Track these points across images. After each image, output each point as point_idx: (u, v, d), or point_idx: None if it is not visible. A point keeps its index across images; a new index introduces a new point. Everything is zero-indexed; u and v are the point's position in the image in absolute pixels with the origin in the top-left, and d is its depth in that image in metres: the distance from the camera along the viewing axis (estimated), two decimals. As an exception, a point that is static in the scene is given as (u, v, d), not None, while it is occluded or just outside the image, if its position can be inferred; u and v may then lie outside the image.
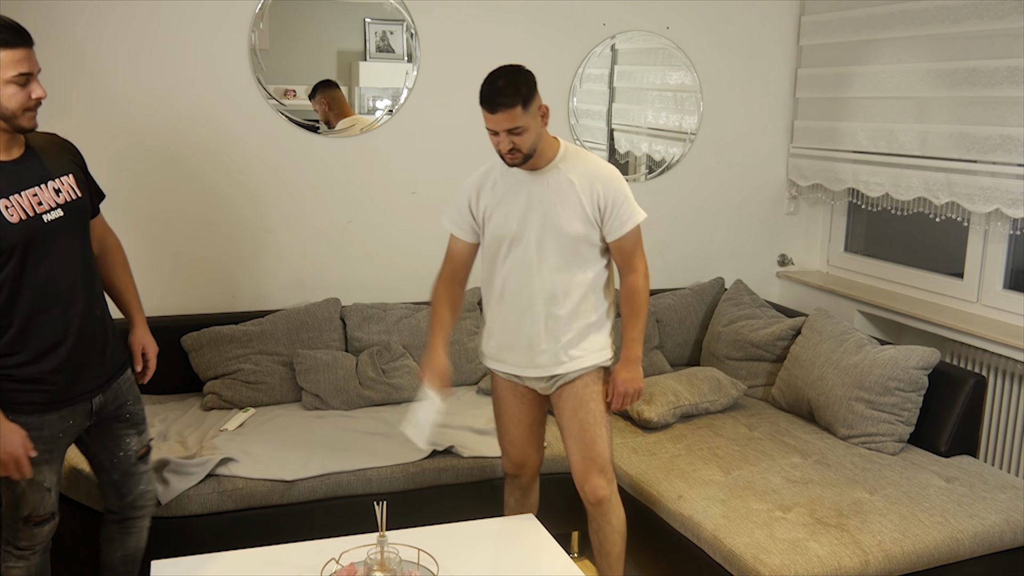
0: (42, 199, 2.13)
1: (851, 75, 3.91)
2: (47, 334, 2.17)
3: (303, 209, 3.66)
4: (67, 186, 2.20)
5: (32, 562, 2.35)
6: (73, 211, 2.20)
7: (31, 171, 2.14)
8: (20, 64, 2.01)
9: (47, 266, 2.14)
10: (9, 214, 2.07)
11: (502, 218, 2.56)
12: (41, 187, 2.14)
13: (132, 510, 2.48)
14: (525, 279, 2.56)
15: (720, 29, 4.11)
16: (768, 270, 4.43)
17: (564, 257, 2.53)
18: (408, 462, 3.00)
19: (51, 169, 2.18)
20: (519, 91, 2.37)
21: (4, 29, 2.01)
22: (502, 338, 2.65)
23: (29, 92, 2.04)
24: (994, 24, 3.23)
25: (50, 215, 2.14)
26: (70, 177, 2.22)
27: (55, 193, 2.17)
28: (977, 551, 2.66)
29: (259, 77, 3.50)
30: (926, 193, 3.56)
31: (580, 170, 2.52)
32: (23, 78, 2.02)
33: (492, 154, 2.53)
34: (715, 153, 4.22)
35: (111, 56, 3.29)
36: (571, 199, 2.50)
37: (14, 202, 2.08)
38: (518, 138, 2.40)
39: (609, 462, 2.64)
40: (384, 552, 2.10)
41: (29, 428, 2.17)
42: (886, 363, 3.16)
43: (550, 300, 2.54)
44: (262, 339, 3.44)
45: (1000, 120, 3.25)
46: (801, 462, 3.06)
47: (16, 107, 2.04)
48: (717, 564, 2.60)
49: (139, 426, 2.44)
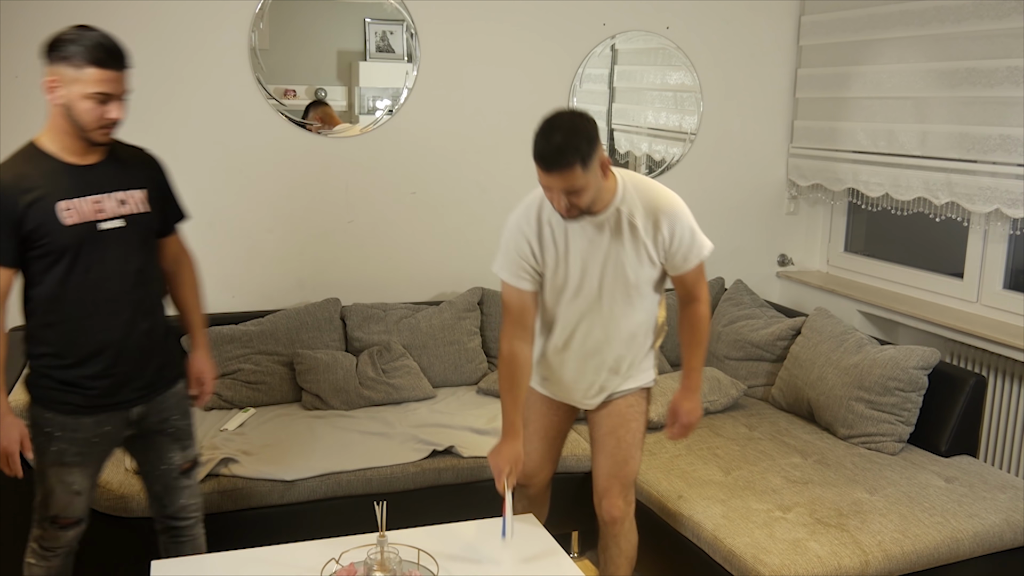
0: (104, 207, 2.17)
1: (851, 75, 3.91)
2: (89, 340, 2.19)
3: (303, 209, 3.66)
4: (135, 199, 2.23)
5: (53, 564, 2.35)
6: (135, 224, 2.22)
7: (100, 179, 2.18)
8: (102, 84, 2.05)
9: (97, 272, 2.16)
10: (66, 216, 2.11)
11: (564, 266, 2.38)
12: (106, 195, 2.17)
13: (175, 520, 2.48)
14: (590, 329, 2.44)
15: (720, 29, 4.11)
16: (768, 270, 4.43)
17: (629, 302, 2.42)
18: (408, 462, 3.00)
19: (122, 180, 2.21)
20: (578, 149, 2.12)
21: (100, 49, 2.05)
22: (560, 380, 2.55)
23: (105, 111, 2.08)
24: (994, 24, 3.23)
25: (108, 224, 2.16)
26: (141, 191, 2.24)
27: (119, 204, 2.19)
28: (977, 551, 2.66)
29: (259, 77, 3.50)
30: (926, 193, 3.56)
31: (642, 208, 2.33)
32: (102, 96, 2.07)
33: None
34: (715, 153, 4.22)
35: (111, 56, 3.29)
36: (635, 243, 2.35)
37: (74, 205, 2.12)
38: (575, 197, 2.19)
39: (632, 484, 2.58)
40: (384, 552, 2.10)
41: (64, 428, 2.21)
42: (886, 363, 3.16)
43: (617, 345, 2.46)
44: (262, 339, 3.44)
45: (1000, 120, 3.25)
46: (801, 462, 3.06)
47: (90, 121, 2.08)
48: (717, 564, 2.60)
49: (183, 441, 2.43)
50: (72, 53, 2.03)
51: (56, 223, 2.10)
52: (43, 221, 2.10)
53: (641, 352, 2.53)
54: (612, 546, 2.61)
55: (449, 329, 3.66)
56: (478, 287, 3.82)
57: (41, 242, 2.11)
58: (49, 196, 2.11)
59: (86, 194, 2.14)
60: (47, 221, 2.10)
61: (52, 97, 2.08)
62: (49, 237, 2.11)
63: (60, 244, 2.11)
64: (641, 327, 2.49)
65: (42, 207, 2.10)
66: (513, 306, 2.43)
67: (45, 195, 2.10)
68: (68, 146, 2.14)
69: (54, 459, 2.24)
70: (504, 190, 3.83)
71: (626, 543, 2.61)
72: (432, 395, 3.54)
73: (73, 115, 2.08)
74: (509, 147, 3.83)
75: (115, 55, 2.08)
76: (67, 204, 2.11)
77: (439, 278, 3.90)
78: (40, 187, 2.10)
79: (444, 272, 3.90)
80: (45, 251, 2.12)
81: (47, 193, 2.11)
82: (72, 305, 2.16)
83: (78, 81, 2.04)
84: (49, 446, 2.24)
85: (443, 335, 3.64)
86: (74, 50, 2.03)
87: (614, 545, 2.61)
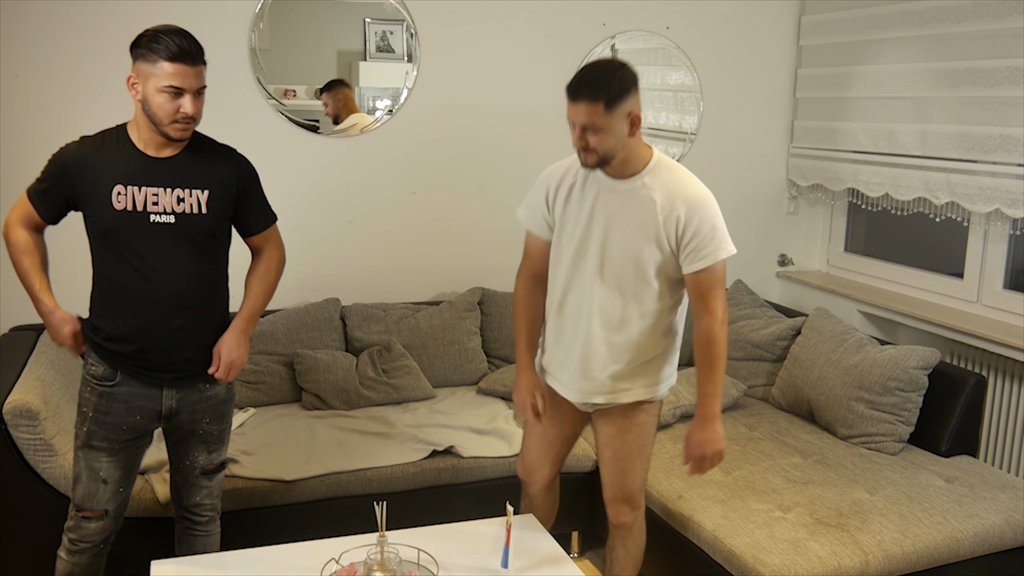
0: (160, 200, 2.21)
1: (851, 75, 3.91)
2: (119, 322, 2.25)
3: (303, 209, 3.66)
4: (193, 199, 2.24)
5: (79, 561, 2.36)
6: (185, 224, 2.23)
7: (165, 172, 2.22)
8: (174, 78, 2.12)
9: (137, 262, 2.21)
10: (117, 200, 2.18)
11: (570, 222, 2.34)
12: (165, 190, 2.21)
13: (190, 514, 2.48)
14: (585, 295, 2.34)
15: (720, 29, 4.11)
16: (768, 270, 4.43)
17: (627, 280, 2.29)
18: (408, 462, 3.00)
19: (188, 178, 2.24)
20: (607, 87, 2.13)
21: (173, 44, 2.12)
22: (555, 351, 2.46)
23: (179, 105, 2.14)
24: (994, 24, 3.23)
25: (160, 217, 2.21)
26: (203, 193, 2.26)
27: (176, 201, 2.22)
28: (977, 551, 2.66)
29: (259, 77, 3.50)
30: (926, 193, 3.57)
31: (667, 188, 2.25)
32: (173, 90, 2.12)
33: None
34: (715, 153, 4.22)
35: (111, 56, 3.29)
36: (645, 218, 2.25)
37: (129, 192, 2.19)
38: (594, 138, 2.17)
39: (639, 492, 2.52)
40: (384, 552, 2.10)
41: (97, 410, 2.27)
42: (886, 363, 3.16)
43: (606, 323, 2.33)
44: (262, 339, 3.44)
45: (1000, 120, 3.25)
46: (801, 462, 3.06)
47: (163, 116, 2.15)
48: (717, 564, 2.60)
49: (211, 445, 2.42)
50: (148, 49, 2.12)
51: (106, 203, 2.18)
52: (95, 195, 2.18)
53: (640, 357, 2.37)
54: (619, 547, 2.61)
55: (449, 329, 3.66)
56: (478, 287, 3.82)
57: (90, 214, 2.21)
58: (110, 176, 2.18)
59: (144, 184, 2.20)
60: (99, 197, 2.18)
61: (132, 93, 2.17)
62: (97, 214, 2.19)
63: (103, 224, 2.19)
64: (640, 319, 2.32)
65: (100, 183, 2.18)
66: (528, 250, 2.50)
67: (107, 173, 2.19)
68: (147, 139, 2.22)
69: (84, 440, 2.28)
70: (504, 190, 3.83)
71: (633, 546, 2.61)
72: (432, 395, 3.54)
73: (149, 110, 2.15)
74: (509, 147, 3.83)
75: (188, 50, 2.14)
76: (120, 188, 2.18)
77: (439, 278, 3.90)
78: (108, 164, 2.19)
79: (444, 272, 3.90)
80: (93, 225, 2.22)
81: (110, 172, 2.19)
82: (110, 284, 2.24)
83: (153, 76, 2.12)
84: (82, 426, 2.29)
85: (443, 335, 3.65)
86: (150, 46, 2.12)
87: (621, 547, 2.60)
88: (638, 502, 2.55)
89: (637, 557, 2.63)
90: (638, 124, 2.22)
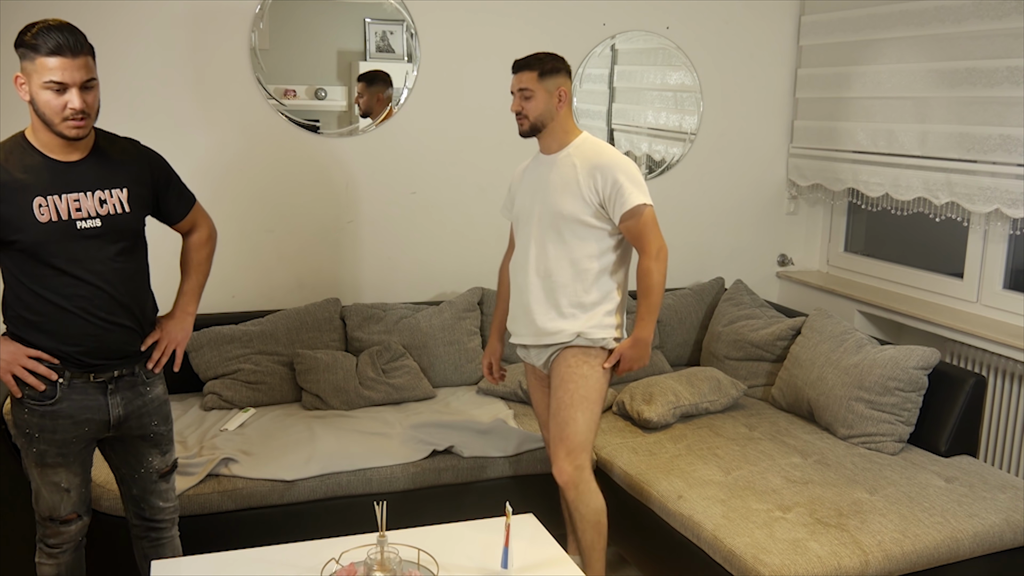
0: (83, 206, 2.14)
1: (851, 75, 3.91)
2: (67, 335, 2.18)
3: (303, 209, 3.67)
4: (114, 199, 2.19)
5: (62, 560, 2.36)
6: (112, 225, 2.18)
7: (80, 177, 2.15)
8: (55, 72, 2.02)
9: (73, 271, 2.14)
10: (40, 213, 2.10)
11: (520, 198, 2.79)
12: (86, 194, 2.15)
13: (152, 523, 2.47)
14: (526, 251, 2.74)
15: (720, 29, 4.11)
16: (768, 270, 4.43)
17: (559, 233, 2.66)
18: (408, 462, 3.00)
19: (103, 179, 2.18)
20: (542, 61, 2.64)
21: (50, 37, 2.01)
22: (512, 309, 2.84)
23: (65, 101, 2.04)
24: (994, 24, 3.23)
25: (86, 223, 2.14)
26: (122, 191, 2.21)
27: (99, 203, 2.17)
28: (977, 551, 2.66)
29: (259, 77, 3.50)
30: (926, 193, 3.57)
31: (585, 155, 2.66)
32: (55, 85, 2.03)
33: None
34: (715, 153, 4.22)
35: (111, 56, 3.29)
36: (570, 181, 2.65)
37: (50, 202, 2.10)
38: (527, 103, 2.64)
39: (580, 447, 2.67)
40: (384, 552, 2.10)
41: (43, 430, 2.21)
42: (886, 363, 3.16)
43: (543, 272, 2.70)
44: (262, 339, 3.44)
45: (1000, 120, 3.25)
46: (801, 462, 3.06)
47: (52, 113, 2.05)
48: (717, 564, 2.60)
49: (163, 447, 2.42)
50: (28, 47, 2.02)
51: (31, 218, 2.09)
52: (16, 215, 2.08)
53: (576, 298, 2.67)
54: (574, 511, 2.72)
55: (449, 329, 3.66)
56: (478, 287, 3.82)
57: (14, 236, 2.10)
58: (26, 190, 2.09)
59: (63, 192, 2.12)
60: (20, 215, 2.08)
61: (21, 94, 2.08)
62: (22, 232, 2.09)
63: (31, 240, 2.10)
64: (572, 265, 2.66)
65: (17, 200, 2.08)
66: (510, 235, 2.94)
67: (24, 187, 2.09)
68: (47, 142, 2.12)
69: (37, 460, 2.25)
70: (504, 190, 3.83)
71: (585, 508, 2.69)
72: (432, 395, 3.54)
73: (39, 109, 2.06)
74: (509, 147, 3.83)
75: (66, 43, 2.03)
76: (40, 201, 2.09)
77: (439, 278, 3.91)
78: (20, 178, 2.09)
79: (444, 272, 3.90)
80: (16, 244, 2.11)
81: (27, 186, 2.09)
82: (43, 299, 2.15)
83: (35, 73, 2.03)
84: (31, 447, 2.24)
85: (443, 335, 3.65)
86: (30, 43, 2.02)
87: (575, 510, 2.71)
88: (580, 460, 2.67)
89: (593, 520, 2.70)
90: (565, 99, 2.67)
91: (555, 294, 2.69)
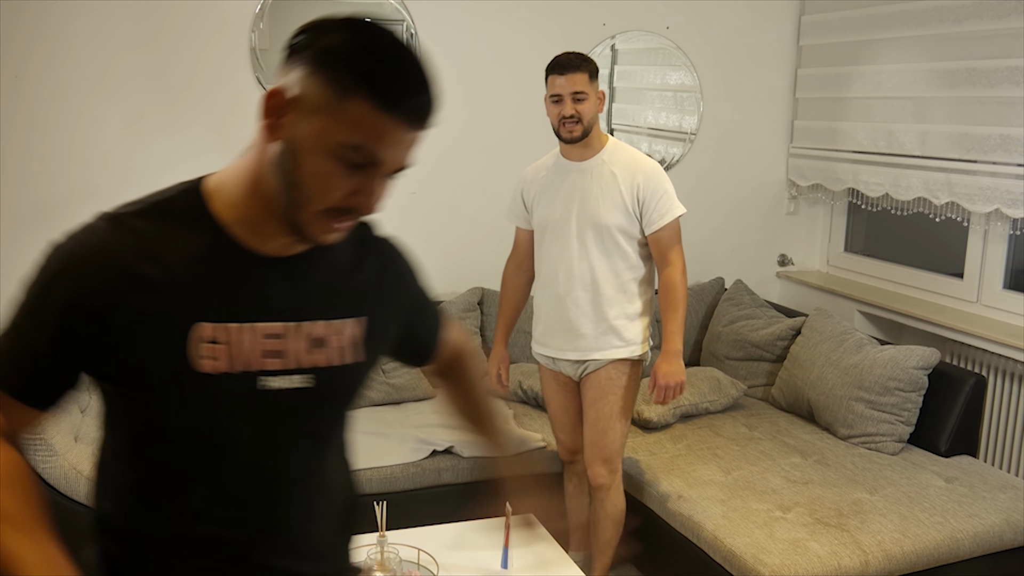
0: (284, 348, 1.14)
1: (851, 75, 3.91)
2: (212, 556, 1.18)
3: (303, 209, 3.66)
4: (344, 337, 1.21)
5: None
6: (330, 382, 1.19)
7: (287, 291, 1.16)
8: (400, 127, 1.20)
9: (246, 454, 1.15)
10: (204, 357, 1.09)
11: (546, 206, 2.70)
12: (293, 325, 1.16)
13: None
14: (567, 265, 2.67)
15: (720, 29, 4.11)
16: (768, 270, 4.43)
17: (604, 246, 2.63)
18: (408, 462, 3.00)
19: (328, 300, 1.20)
20: (588, 62, 2.58)
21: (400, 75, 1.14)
22: (547, 323, 2.77)
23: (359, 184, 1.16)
24: (994, 24, 3.23)
25: (278, 380, 1.14)
26: (357, 323, 1.23)
27: (314, 344, 1.17)
28: (977, 551, 2.66)
29: (259, 77, 3.50)
30: (926, 193, 3.56)
31: (624, 163, 2.63)
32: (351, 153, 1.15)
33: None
34: (715, 153, 4.22)
35: (110, 56, 3.29)
36: (612, 191, 2.61)
37: (227, 337, 1.10)
38: (580, 105, 2.55)
39: (617, 454, 2.73)
40: (384, 552, 2.10)
41: None
42: (886, 363, 3.16)
43: (590, 286, 2.65)
44: (262, 339, 3.44)
45: (1000, 120, 3.25)
46: (801, 462, 3.06)
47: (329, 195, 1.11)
48: (717, 564, 2.60)
49: None
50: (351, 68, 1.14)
51: (186, 368, 1.08)
52: (151, 348, 1.08)
53: (621, 310, 2.66)
54: (599, 510, 2.79)
55: (449, 329, 3.65)
56: (478, 287, 3.81)
57: (141, 390, 1.10)
58: (187, 305, 1.09)
59: (251, 319, 1.12)
60: (162, 352, 1.08)
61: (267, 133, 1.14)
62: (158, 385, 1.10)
63: (179, 401, 1.10)
64: (617, 277, 2.64)
65: (161, 322, 1.08)
66: (516, 241, 2.90)
67: (174, 298, 1.09)
68: (257, 220, 1.14)
69: None
70: (504, 190, 3.80)
71: (612, 507, 2.78)
72: (432, 395, 3.54)
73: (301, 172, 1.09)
74: (509, 147, 3.83)
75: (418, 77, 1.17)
76: (209, 332, 1.09)
77: (439, 278, 3.89)
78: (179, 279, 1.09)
79: (444, 272, 3.89)
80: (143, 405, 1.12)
81: (186, 296, 1.09)
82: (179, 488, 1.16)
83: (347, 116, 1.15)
84: None
85: (443, 335, 3.64)
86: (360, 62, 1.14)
87: (601, 509, 2.78)
88: (615, 465, 2.75)
89: (616, 518, 2.79)
90: (603, 100, 2.64)
91: (602, 307, 2.66)
